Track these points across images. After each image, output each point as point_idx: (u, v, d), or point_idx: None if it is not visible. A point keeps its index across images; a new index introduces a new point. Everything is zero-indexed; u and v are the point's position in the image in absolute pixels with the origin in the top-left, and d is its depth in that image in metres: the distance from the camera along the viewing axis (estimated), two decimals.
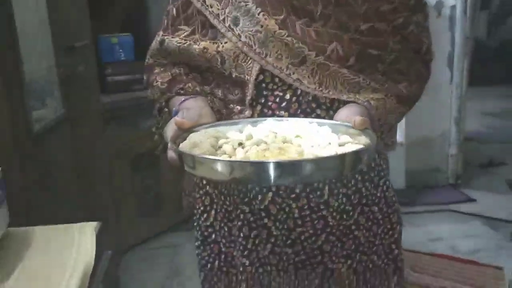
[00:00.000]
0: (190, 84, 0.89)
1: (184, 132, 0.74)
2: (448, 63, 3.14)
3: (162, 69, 0.94)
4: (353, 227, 0.93)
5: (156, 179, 2.65)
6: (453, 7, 3.06)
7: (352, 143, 0.69)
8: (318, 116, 0.85)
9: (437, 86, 3.14)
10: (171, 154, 0.71)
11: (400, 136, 2.85)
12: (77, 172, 1.55)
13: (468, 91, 3.33)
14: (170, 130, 0.76)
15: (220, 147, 0.70)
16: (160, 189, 2.68)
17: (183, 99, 0.87)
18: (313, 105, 0.87)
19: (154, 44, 0.95)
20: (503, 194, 3.19)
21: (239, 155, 0.67)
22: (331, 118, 0.83)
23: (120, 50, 2.65)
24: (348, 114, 0.79)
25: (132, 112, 2.51)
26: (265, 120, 0.81)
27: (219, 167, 0.63)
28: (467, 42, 3.14)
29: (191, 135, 0.73)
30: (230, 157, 0.67)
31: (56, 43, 1.45)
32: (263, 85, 0.87)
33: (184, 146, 0.70)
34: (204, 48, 0.87)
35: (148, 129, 0.97)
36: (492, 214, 2.87)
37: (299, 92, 0.86)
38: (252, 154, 0.66)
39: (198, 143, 0.69)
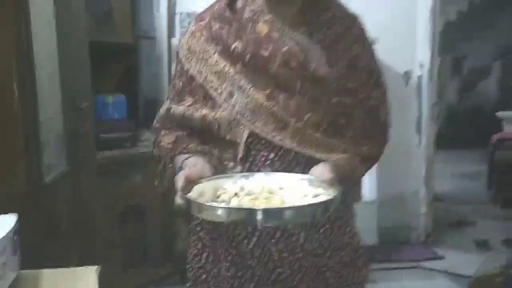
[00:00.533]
0: (192, 145, 1.09)
1: (191, 184, 0.93)
2: (417, 128, 3.40)
3: (167, 132, 1.13)
4: (324, 269, 1.10)
5: (143, 232, 2.75)
6: (420, 77, 3.36)
7: (323, 195, 0.89)
8: (296, 173, 1.04)
9: (407, 148, 3.39)
10: (178, 200, 0.89)
11: (373, 194, 3.04)
12: (75, 222, 1.69)
13: (441, 154, 3.57)
14: (179, 182, 0.94)
15: (219, 196, 0.88)
16: (146, 241, 2.78)
17: (186, 157, 1.05)
18: (293, 163, 1.06)
19: (162, 111, 1.15)
20: (471, 253, 3.34)
21: (234, 203, 0.87)
22: (307, 173, 1.01)
23: (114, 110, 2.83)
24: (321, 170, 0.99)
25: (122, 168, 2.65)
26: (256, 174, 1.00)
27: (219, 212, 0.83)
28: (433, 108, 3.42)
29: (196, 186, 0.92)
30: (228, 204, 0.86)
31: (65, 104, 1.64)
32: (252, 146, 1.07)
33: (191, 195, 0.88)
34: (204, 115, 1.08)
35: (136, 183, 1.16)
36: (460, 271, 3.01)
37: (281, 152, 1.06)
38: (245, 202, 0.86)
39: (202, 192, 0.88)
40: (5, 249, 0.91)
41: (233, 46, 1.07)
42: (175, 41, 3.05)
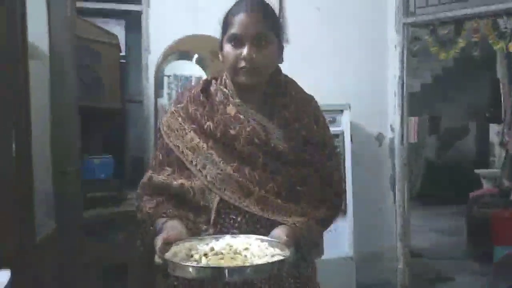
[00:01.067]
0: (170, 210, 1.24)
1: (168, 245, 1.08)
2: (391, 186, 3.57)
3: (149, 198, 1.29)
4: None
5: None
6: (392, 138, 3.57)
7: (279, 255, 1.06)
8: (260, 233, 1.19)
9: (382, 206, 3.54)
10: (157, 259, 1.05)
11: (350, 251, 3.13)
12: (61, 279, 1.78)
13: (419, 210, 3.70)
14: (158, 243, 1.09)
15: (191, 256, 1.05)
16: None
17: (164, 220, 1.21)
18: (258, 225, 1.22)
19: (145, 179, 1.31)
20: None
21: (203, 262, 1.03)
22: (268, 234, 1.17)
23: (100, 170, 2.95)
24: (279, 233, 1.16)
25: (105, 226, 2.74)
26: (225, 236, 1.16)
27: (190, 270, 0.99)
28: (405, 168, 3.60)
29: (172, 247, 1.08)
30: (198, 263, 1.02)
31: (54, 167, 1.77)
32: (222, 210, 1.23)
33: (167, 255, 1.05)
34: (181, 184, 1.25)
35: (119, 242, 1.30)
36: None
37: (247, 216, 1.22)
38: (212, 261, 1.03)
39: (177, 253, 1.05)
40: None
41: (206, 126, 1.26)
42: (162, 100, 3.24)
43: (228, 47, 1.26)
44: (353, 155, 3.17)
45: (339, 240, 3.04)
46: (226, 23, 1.28)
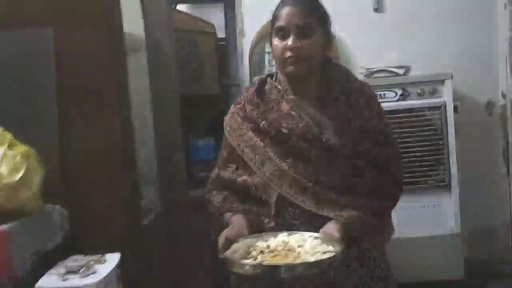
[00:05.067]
0: (235, 204, 1.36)
1: (229, 243, 1.20)
2: (503, 158, 3.31)
3: (217, 192, 1.42)
4: None
5: None
6: (503, 106, 3.28)
7: (331, 251, 1.12)
8: (318, 224, 1.25)
9: (495, 179, 3.30)
10: (220, 255, 1.17)
11: (457, 227, 2.97)
12: (169, 258, 1.97)
13: None
14: (220, 241, 1.22)
15: (250, 252, 1.16)
16: None
17: (230, 215, 1.34)
18: (315, 217, 1.28)
19: (213, 175, 1.45)
20: None
21: (259, 259, 1.13)
22: (322, 227, 1.24)
23: (204, 151, 3.16)
24: (332, 228, 1.22)
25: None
26: (282, 233, 1.25)
27: (247, 267, 1.10)
28: None
29: (234, 245, 1.20)
30: (255, 260, 1.13)
31: (158, 154, 1.95)
32: (281, 204, 1.31)
33: (228, 252, 1.16)
34: (245, 180, 1.36)
35: None
36: None
37: (304, 209, 1.29)
38: (267, 258, 1.12)
39: (237, 249, 1.16)
40: (111, 280, 1.18)
41: (261, 124, 1.35)
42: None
43: (275, 40, 1.33)
44: (459, 127, 2.98)
45: (443, 216, 2.91)
46: (274, 18, 1.35)
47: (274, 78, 1.41)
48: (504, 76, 3.26)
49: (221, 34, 3.53)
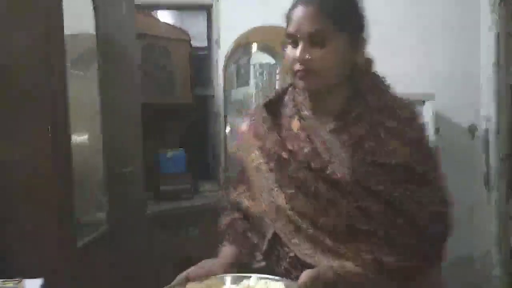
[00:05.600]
0: (237, 232, 1.18)
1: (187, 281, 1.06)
2: (485, 184, 3.19)
3: (226, 213, 1.25)
4: None
5: None
6: (486, 130, 3.18)
7: None
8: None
9: (476, 206, 3.18)
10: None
11: None
12: (122, 276, 1.81)
13: None
14: (179, 276, 1.08)
15: None
16: None
17: (225, 244, 1.17)
18: (309, 265, 1.04)
19: (229, 193, 1.27)
20: None
21: None
22: None
23: (173, 164, 2.99)
24: (303, 275, 0.97)
25: (177, 219, 2.77)
26: (246, 280, 1.04)
27: None
28: (503, 162, 3.20)
29: (189, 284, 1.05)
30: None
31: (108, 170, 1.80)
32: (277, 241, 1.11)
33: None
34: (248, 206, 1.19)
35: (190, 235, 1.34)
36: None
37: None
38: None
39: None
40: None
41: (266, 144, 1.14)
42: (249, 89, 3.18)
43: (288, 48, 1.09)
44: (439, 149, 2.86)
45: None
46: (286, 21, 1.11)
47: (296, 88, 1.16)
48: (486, 100, 3.16)
49: (203, 43, 3.41)
